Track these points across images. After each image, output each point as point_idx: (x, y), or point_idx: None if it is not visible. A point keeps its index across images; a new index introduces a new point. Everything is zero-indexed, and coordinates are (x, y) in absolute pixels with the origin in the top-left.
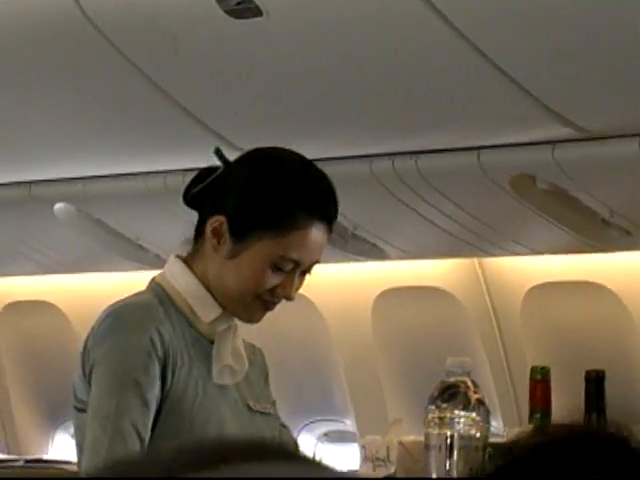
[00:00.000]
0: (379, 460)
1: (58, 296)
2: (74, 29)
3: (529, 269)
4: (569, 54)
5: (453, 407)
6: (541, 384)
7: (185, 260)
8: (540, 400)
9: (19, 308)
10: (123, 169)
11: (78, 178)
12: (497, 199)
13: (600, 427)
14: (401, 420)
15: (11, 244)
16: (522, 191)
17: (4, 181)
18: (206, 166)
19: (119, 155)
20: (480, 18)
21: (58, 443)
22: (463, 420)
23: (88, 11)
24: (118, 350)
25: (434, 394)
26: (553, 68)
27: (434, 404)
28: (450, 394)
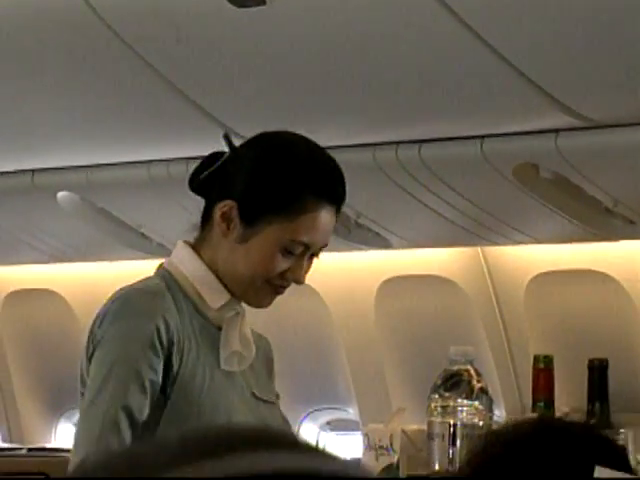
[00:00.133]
0: (382, 449)
1: (61, 284)
2: (77, 17)
3: (532, 258)
4: (572, 43)
5: (456, 396)
6: (544, 372)
7: (193, 246)
8: (543, 389)
9: (22, 296)
10: (126, 157)
11: (81, 166)
12: (500, 188)
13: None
14: (404, 409)
15: (14, 233)
16: (525, 180)
17: (7, 169)
18: (210, 152)
19: (122, 143)
20: (483, 7)
21: (61, 431)
22: (466, 409)
23: (91, 0)
24: (122, 335)
25: (437, 383)
26: (556, 57)
27: (437, 393)
28: (453, 383)
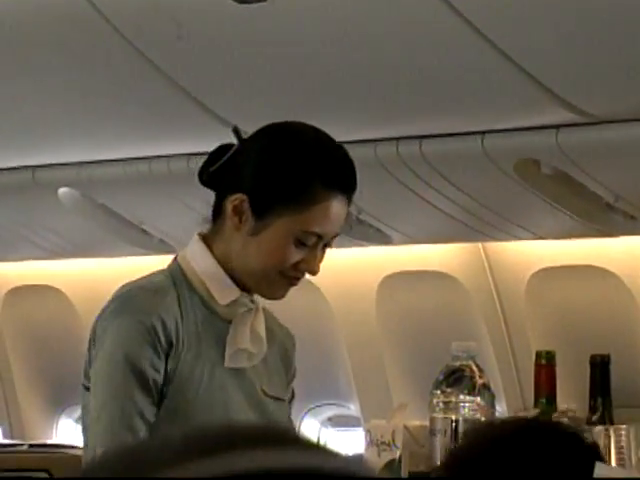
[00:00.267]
0: (384, 445)
1: (62, 281)
2: (77, 14)
3: (533, 254)
4: (573, 38)
5: (458, 391)
6: (546, 368)
7: (206, 239)
8: (545, 385)
9: (23, 293)
10: (127, 154)
11: (82, 163)
12: (501, 184)
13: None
14: (406, 405)
15: (15, 229)
16: (526, 176)
17: (8, 166)
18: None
19: (123, 140)
20: (484, 2)
21: (62, 427)
22: (468, 405)
23: None
24: (119, 335)
25: (439, 378)
26: (557, 52)
27: (439, 388)
28: (455, 378)
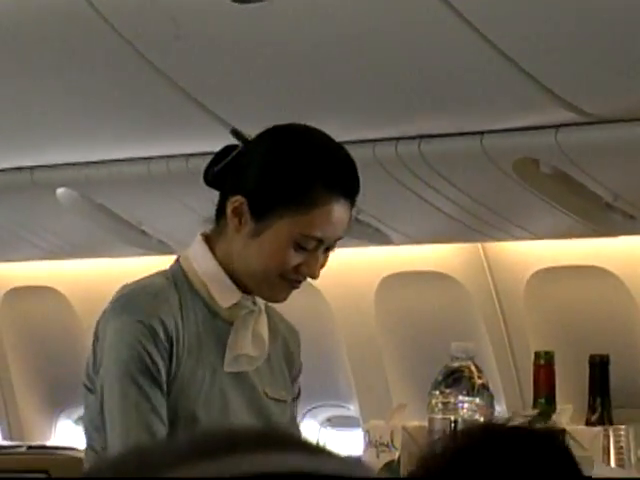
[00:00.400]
0: (383, 445)
1: (61, 281)
2: (75, 14)
3: (532, 254)
4: (573, 38)
5: (457, 392)
6: (545, 369)
7: (209, 239)
8: (544, 385)
9: (22, 294)
10: (125, 154)
11: (81, 163)
12: (500, 183)
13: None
14: (405, 405)
15: (13, 229)
16: (525, 175)
17: (6, 166)
18: (222, 145)
19: (121, 140)
20: (483, 2)
21: (61, 428)
22: (467, 405)
23: None
24: (122, 334)
25: (438, 379)
26: (556, 52)
27: (438, 389)
28: (454, 379)
